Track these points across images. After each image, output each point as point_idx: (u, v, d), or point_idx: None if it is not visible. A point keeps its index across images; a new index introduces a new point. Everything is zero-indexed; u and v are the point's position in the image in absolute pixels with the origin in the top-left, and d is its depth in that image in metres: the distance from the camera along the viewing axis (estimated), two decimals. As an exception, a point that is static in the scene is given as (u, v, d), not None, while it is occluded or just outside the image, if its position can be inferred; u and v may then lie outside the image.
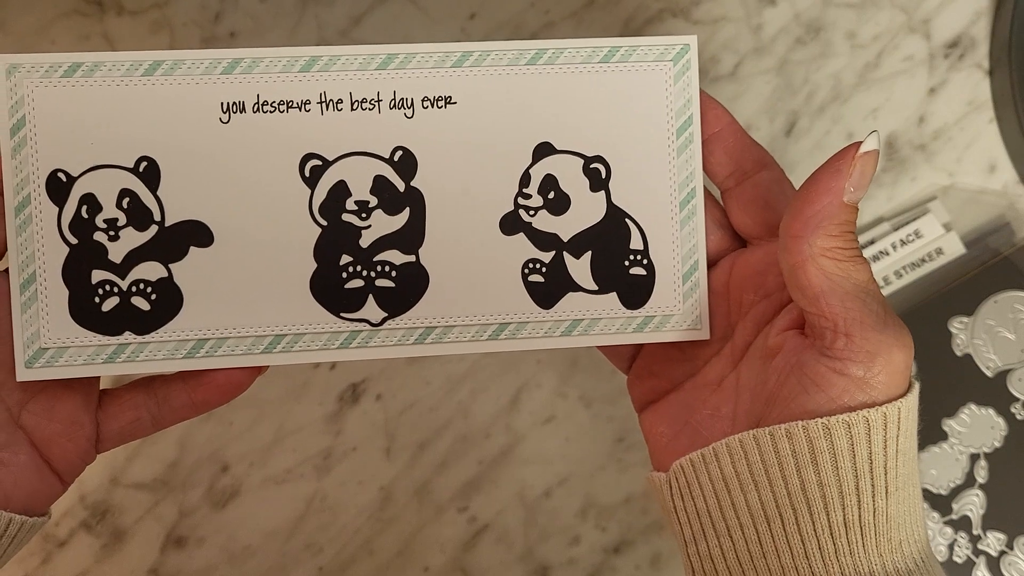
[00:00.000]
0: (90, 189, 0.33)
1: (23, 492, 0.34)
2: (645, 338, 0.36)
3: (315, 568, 0.52)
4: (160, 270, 0.34)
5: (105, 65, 0.33)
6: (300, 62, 0.34)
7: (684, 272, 0.36)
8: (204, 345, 0.34)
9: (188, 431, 0.51)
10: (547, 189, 0.35)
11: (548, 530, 0.53)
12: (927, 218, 0.53)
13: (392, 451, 0.52)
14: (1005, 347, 0.52)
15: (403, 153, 0.35)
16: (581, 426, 0.53)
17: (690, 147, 0.36)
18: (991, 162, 0.55)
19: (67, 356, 0.33)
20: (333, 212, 0.34)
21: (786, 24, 0.54)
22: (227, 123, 0.34)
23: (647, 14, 0.54)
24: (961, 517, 0.52)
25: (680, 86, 0.36)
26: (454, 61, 0.35)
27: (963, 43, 0.55)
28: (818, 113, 0.54)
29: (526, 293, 0.35)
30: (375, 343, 0.35)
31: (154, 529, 0.51)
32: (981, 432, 0.52)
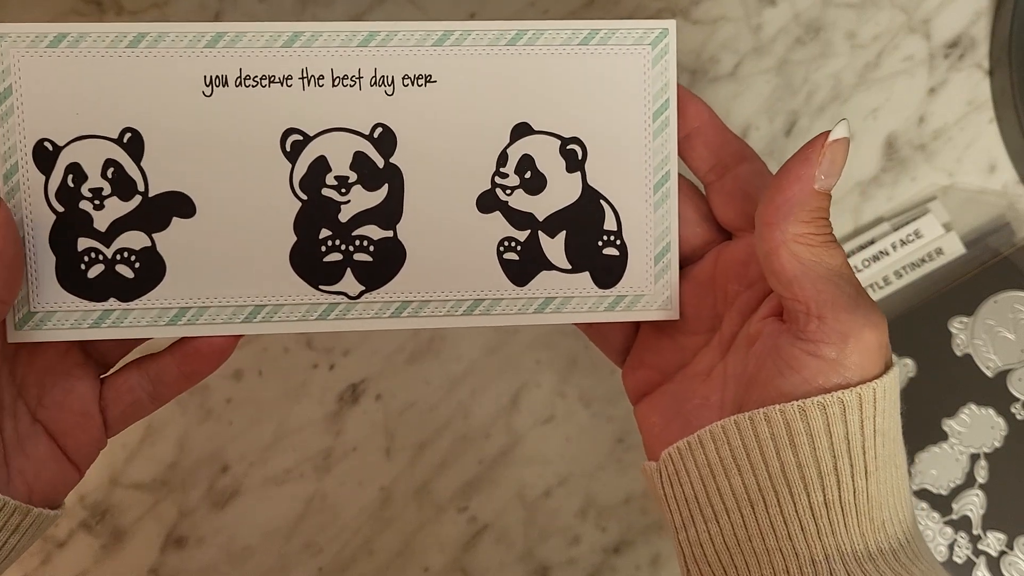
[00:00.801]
0: (76, 159, 0.34)
1: (44, 481, 0.35)
2: (617, 317, 0.37)
3: (315, 568, 0.52)
4: (143, 239, 0.35)
5: (91, 36, 0.34)
6: (283, 37, 0.35)
7: (656, 253, 0.37)
8: (186, 313, 0.35)
9: (188, 431, 0.51)
10: (524, 169, 0.36)
11: (548, 530, 0.53)
12: (927, 218, 0.53)
13: (392, 451, 0.52)
14: (1005, 347, 0.52)
15: (383, 130, 0.35)
16: (581, 426, 0.53)
17: (666, 131, 0.36)
18: (991, 162, 0.55)
19: (55, 320, 0.34)
20: (313, 186, 0.35)
21: (786, 24, 0.54)
22: (210, 96, 0.35)
23: (646, 14, 0.54)
24: (961, 517, 0.52)
25: (658, 70, 0.36)
26: (435, 40, 0.35)
27: (963, 43, 0.55)
28: (818, 113, 0.54)
29: (501, 270, 0.36)
30: (352, 315, 0.35)
31: (154, 529, 0.51)
32: (981, 432, 0.52)
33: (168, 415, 0.51)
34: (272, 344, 0.51)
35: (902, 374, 0.52)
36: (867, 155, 0.55)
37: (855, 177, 0.54)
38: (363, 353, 0.52)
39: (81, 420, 0.36)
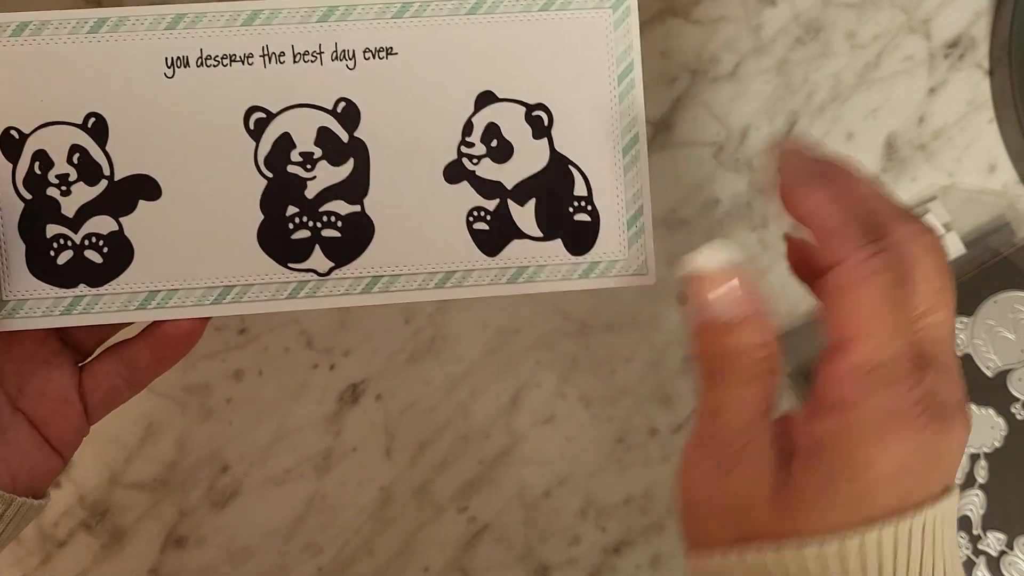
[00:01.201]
0: (42, 146, 0.34)
1: (27, 469, 0.35)
2: (591, 284, 0.36)
3: (315, 568, 0.52)
4: (111, 224, 0.35)
5: (52, 24, 0.34)
6: (242, 16, 0.35)
7: (629, 217, 0.36)
8: (155, 297, 0.35)
9: (188, 431, 0.51)
10: (490, 137, 0.35)
11: (548, 530, 0.53)
12: (927, 218, 0.53)
13: (392, 451, 0.52)
14: (1005, 347, 0.52)
15: (346, 104, 0.35)
16: (581, 426, 0.53)
17: (632, 92, 0.36)
18: (991, 162, 0.55)
19: (27, 308, 0.34)
20: (278, 164, 0.35)
21: (786, 24, 0.54)
22: (171, 78, 0.35)
23: (647, 14, 0.54)
24: (961, 517, 0.51)
25: (620, 32, 0.36)
26: (395, 12, 0.35)
27: (963, 43, 0.55)
28: (818, 113, 0.54)
29: (471, 241, 0.36)
30: (323, 293, 0.35)
31: (154, 529, 0.51)
32: (981, 432, 0.52)
33: (168, 415, 0.51)
34: (272, 344, 0.51)
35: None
36: (867, 155, 0.55)
37: (855, 177, 0.54)
38: (363, 353, 0.52)
39: (61, 407, 0.36)
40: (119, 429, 0.46)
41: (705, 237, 0.54)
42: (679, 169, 0.54)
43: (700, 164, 0.54)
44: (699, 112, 0.54)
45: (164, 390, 0.51)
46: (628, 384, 0.53)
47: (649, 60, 0.54)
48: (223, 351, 0.51)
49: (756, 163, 0.54)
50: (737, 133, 0.54)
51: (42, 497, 0.36)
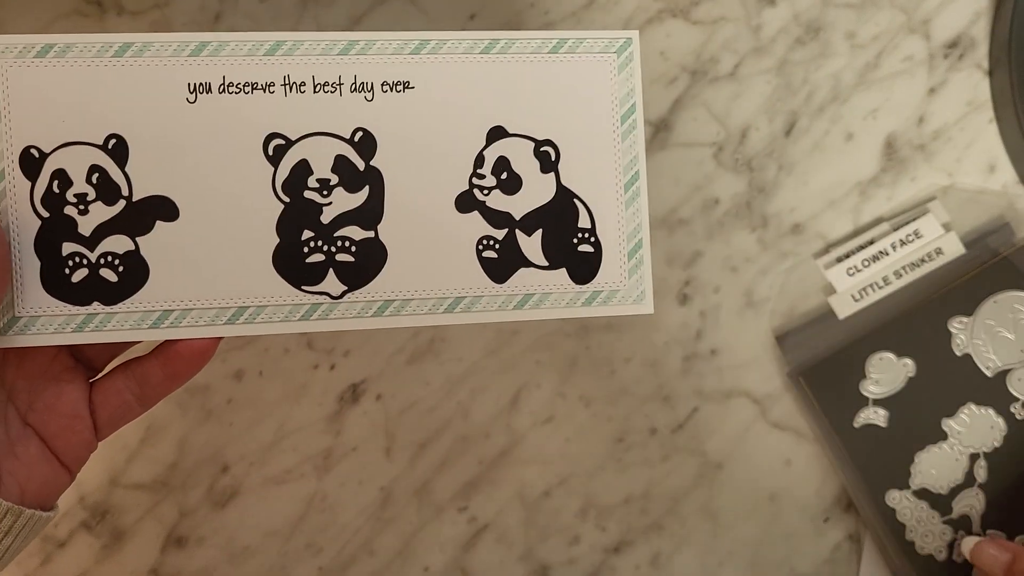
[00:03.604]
0: (61, 165, 0.35)
1: (36, 484, 0.35)
2: (593, 312, 0.38)
3: (315, 568, 0.52)
4: (127, 243, 0.35)
5: (77, 46, 0.35)
6: (265, 46, 0.36)
7: (629, 249, 0.38)
8: (169, 316, 0.35)
9: (188, 431, 0.51)
10: (500, 170, 0.37)
11: (548, 530, 0.53)
12: (927, 218, 0.53)
13: (392, 451, 0.52)
14: (1005, 347, 0.52)
15: (363, 134, 0.36)
16: (581, 426, 0.53)
17: (633, 132, 0.38)
18: (991, 162, 0.55)
19: (39, 325, 0.35)
20: (295, 189, 0.36)
21: (786, 24, 0.54)
22: (194, 103, 0.35)
23: (647, 14, 0.54)
24: (961, 516, 0.52)
25: (624, 76, 0.38)
26: (412, 48, 0.37)
27: (963, 43, 0.55)
28: (818, 113, 0.54)
29: (480, 268, 0.37)
30: (335, 315, 0.36)
31: (154, 529, 0.51)
32: (981, 432, 0.52)
33: (169, 416, 0.51)
34: (273, 345, 0.51)
35: (902, 374, 0.52)
36: (867, 155, 0.55)
37: (855, 177, 0.54)
38: (363, 353, 0.52)
39: (71, 423, 0.36)
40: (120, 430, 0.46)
41: (705, 237, 0.54)
42: (679, 169, 0.54)
43: (700, 164, 0.54)
44: (699, 112, 0.54)
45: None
46: (628, 384, 0.53)
47: (649, 60, 0.54)
48: (224, 351, 0.51)
49: (756, 163, 0.54)
50: (737, 133, 0.54)
51: (50, 510, 0.36)
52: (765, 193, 0.54)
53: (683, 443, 0.54)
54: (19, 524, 0.34)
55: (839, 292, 0.53)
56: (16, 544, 0.35)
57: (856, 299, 0.53)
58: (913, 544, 0.52)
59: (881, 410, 0.52)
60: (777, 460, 0.54)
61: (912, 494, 0.52)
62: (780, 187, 0.54)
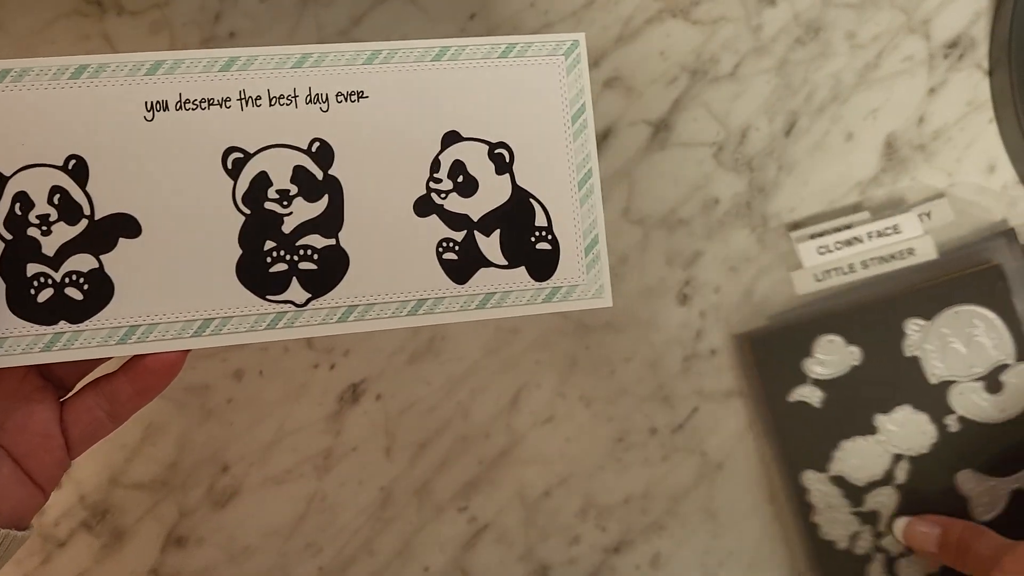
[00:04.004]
0: (23, 187, 0.35)
1: (9, 504, 0.35)
2: (554, 308, 0.38)
3: (315, 568, 0.52)
4: (91, 261, 0.35)
5: (33, 71, 0.35)
6: (220, 62, 0.36)
7: (586, 245, 0.39)
8: (136, 331, 0.35)
9: (188, 431, 0.51)
10: (456, 173, 0.38)
11: (548, 530, 0.53)
12: (909, 215, 0.53)
13: (392, 451, 0.52)
14: (954, 359, 0.52)
15: (320, 144, 0.37)
16: (581, 426, 0.53)
17: (584, 132, 0.39)
18: (991, 162, 0.55)
19: (6, 346, 0.35)
20: (256, 201, 0.36)
21: (786, 24, 0.54)
22: (151, 121, 0.36)
23: (647, 14, 0.54)
24: (870, 511, 0.52)
25: (572, 77, 0.39)
26: (365, 59, 0.37)
27: (963, 43, 0.55)
28: (818, 113, 0.54)
29: (441, 270, 0.37)
30: (300, 323, 0.36)
31: (154, 529, 0.51)
32: (911, 435, 0.52)
33: (168, 415, 0.51)
34: (273, 344, 0.52)
35: (847, 360, 0.52)
36: (867, 155, 0.55)
37: (855, 177, 0.54)
38: (363, 353, 0.52)
39: (43, 442, 0.36)
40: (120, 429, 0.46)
41: (705, 237, 0.54)
42: (679, 169, 0.54)
43: (700, 164, 0.54)
44: (699, 112, 0.54)
45: (165, 391, 0.51)
46: (628, 384, 0.53)
47: (649, 60, 0.54)
48: (223, 352, 0.51)
49: (756, 163, 0.54)
50: (737, 133, 0.54)
51: (24, 529, 0.36)
52: (765, 193, 0.54)
53: (683, 443, 0.54)
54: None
55: (804, 268, 0.53)
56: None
57: (818, 279, 0.53)
58: (817, 527, 0.52)
59: (818, 391, 0.52)
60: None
61: (828, 479, 0.52)
62: (780, 187, 0.54)
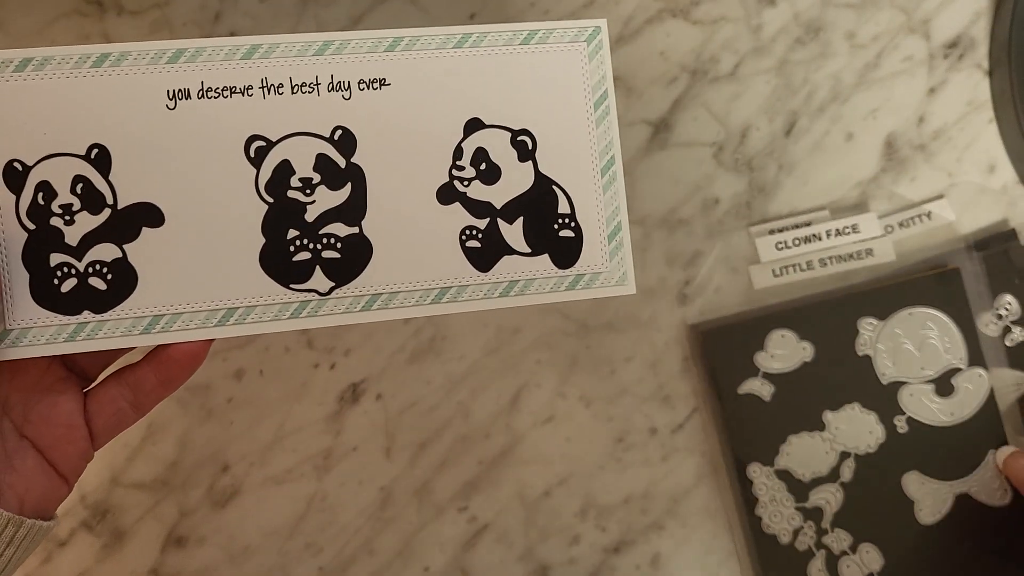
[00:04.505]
0: (45, 177, 0.35)
1: (35, 495, 0.35)
2: (577, 295, 0.38)
3: (315, 568, 0.52)
4: (115, 251, 0.35)
5: (55, 59, 0.35)
6: (241, 50, 0.36)
7: (609, 232, 0.38)
8: (160, 321, 0.35)
9: (188, 431, 0.51)
10: (479, 161, 0.37)
11: (548, 530, 0.53)
12: (868, 216, 0.53)
13: (392, 451, 0.52)
14: (906, 360, 0.52)
15: (343, 132, 0.37)
16: (581, 426, 0.53)
17: (607, 118, 0.39)
18: (991, 162, 0.55)
19: (30, 336, 0.35)
20: (278, 189, 0.36)
21: (786, 24, 0.54)
22: (173, 109, 0.36)
23: (647, 14, 0.54)
24: (814, 508, 0.52)
25: (595, 64, 0.39)
26: (387, 46, 0.37)
27: (963, 43, 0.55)
28: (818, 113, 0.54)
29: (464, 258, 0.37)
30: (324, 311, 0.36)
31: (154, 529, 0.51)
32: (858, 434, 0.52)
33: (169, 415, 0.51)
34: (273, 344, 0.52)
35: (799, 356, 0.52)
36: (867, 155, 0.55)
37: (855, 177, 0.54)
38: (364, 353, 0.52)
39: (67, 433, 0.36)
40: (120, 429, 0.46)
41: (705, 237, 0.54)
42: (679, 169, 0.54)
43: (700, 164, 0.54)
44: (699, 112, 0.54)
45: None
46: (628, 384, 0.53)
47: (649, 60, 0.54)
48: (224, 351, 0.51)
49: (756, 163, 0.54)
50: (737, 133, 0.54)
51: (50, 519, 0.37)
52: (765, 193, 0.54)
53: (683, 443, 0.54)
54: (20, 534, 0.34)
55: (762, 262, 0.53)
56: (18, 555, 0.35)
57: (776, 275, 0.53)
58: (760, 520, 0.52)
59: (769, 385, 0.52)
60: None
61: (774, 472, 0.52)
62: (780, 187, 0.54)
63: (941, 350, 0.52)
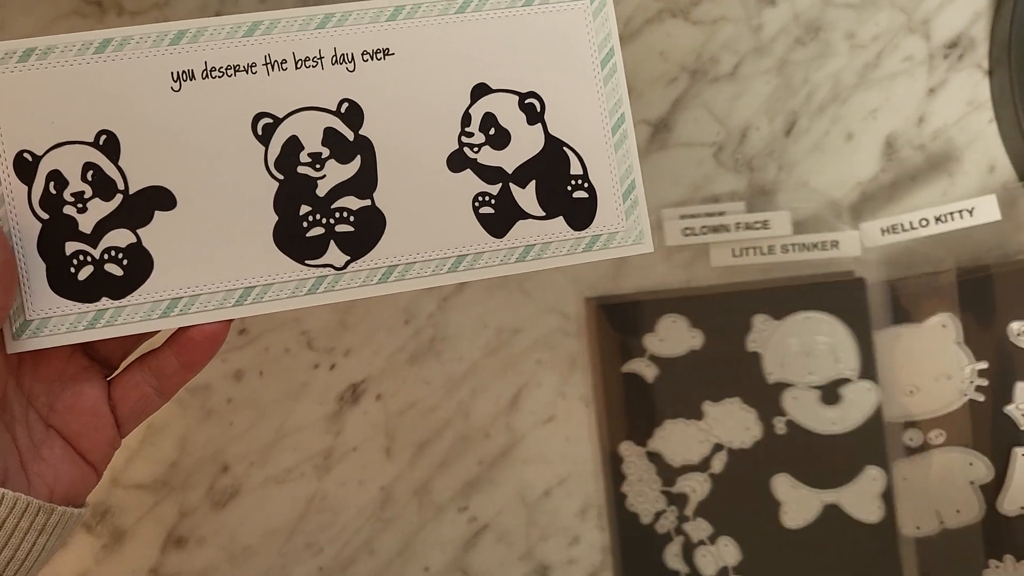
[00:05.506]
0: (55, 166, 0.35)
1: (64, 484, 0.36)
2: (595, 256, 0.38)
3: (315, 568, 0.52)
4: (129, 236, 0.35)
5: (57, 48, 0.35)
6: (243, 28, 0.36)
7: (623, 191, 0.38)
8: (178, 304, 0.35)
9: (188, 431, 0.51)
10: (487, 126, 0.37)
11: (548, 530, 0.53)
12: (781, 214, 0.53)
13: (392, 451, 0.52)
14: (794, 363, 0.52)
15: (349, 104, 0.37)
16: (581, 426, 0.53)
17: (615, 76, 0.38)
18: (991, 162, 0.55)
19: (51, 326, 0.35)
20: (288, 166, 0.36)
21: (786, 24, 0.54)
22: (179, 91, 0.36)
23: (647, 14, 0.54)
24: (680, 493, 0.52)
25: (599, 21, 0.38)
26: (388, 15, 0.37)
27: (963, 43, 0.55)
28: (818, 113, 0.54)
29: (479, 225, 0.37)
30: (341, 286, 0.36)
31: (154, 529, 0.51)
32: (735, 429, 0.52)
33: (169, 415, 0.51)
34: (273, 344, 0.52)
35: (688, 343, 0.52)
36: (867, 155, 0.55)
37: (855, 177, 0.54)
38: (364, 353, 0.52)
39: (93, 420, 0.36)
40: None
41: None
42: (679, 169, 0.54)
43: (700, 164, 0.54)
44: (699, 112, 0.54)
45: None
46: (628, 384, 0.53)
47: (649, 60, 0.54)
48: (224, 351, 0.51)
49: (756, 163, 0.54)
50: (737, 133, 0.54)
51: (81, 506, 0.37)
52: (765, 193, 0.54)
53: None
54: (52, 522, 0.34)
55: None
56: (51, 543, 0.35)
57: (735, 255, 0.53)
58: (625, 497, 0.52)
59: (654, 367, 0.52)
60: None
61: (645, 453, 0.52)
62: (780, 187, 0.54)
63: (832, 358, 0.51)
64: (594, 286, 0.53)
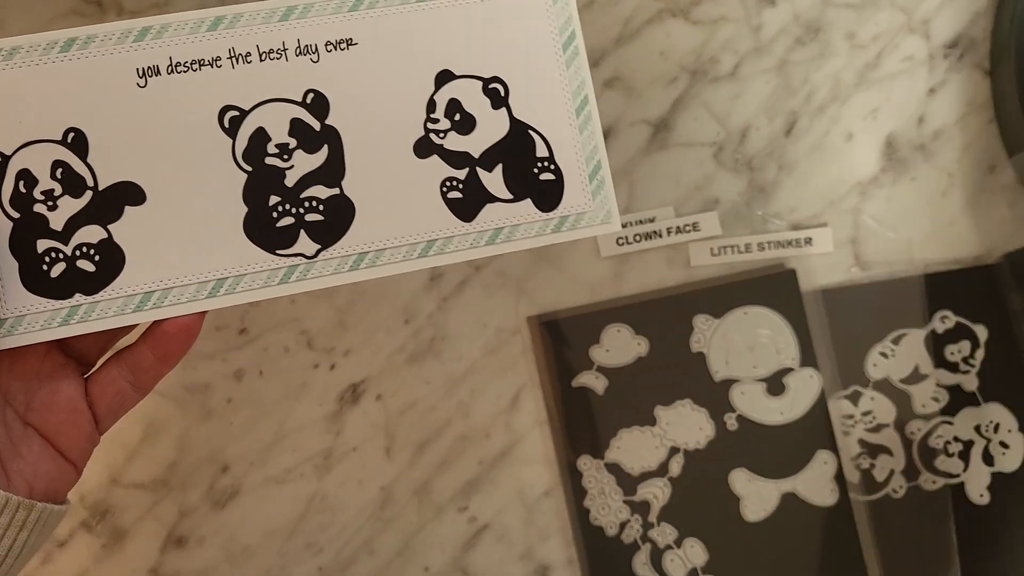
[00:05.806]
0: (24, 165, 0.35)
1: (43, 481, 0.36)
2: (564, 237, 0.38)
3: (315, 568, 0.52)
4: (100, 232, 0.35)
5: (23, 48, 0.35)
6: (206, 23, 0.36)
7: (590, 172, 0.39)
8: (151, 297, 0.36)
9: (188, 431, 0.51)
10: (452, 112, 0.38)
11: (548, 530, 0.53)
12: (710, 215, 0.53)
13: (392, 451, 0.52)
14: (739, 359, 0.52)
15: (315, 95, 0.37)
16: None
17: (577, 59, 0.39)
18: (991, 162, 0.55)
19: (25, 324, 0.35)
20: (256, 157, 0.36)
21: (786, 24, 0.54)
22: (145, 87, 0.36)
23: (647, 14, 0.54)
24: (642, 501, 0.52)
25: (559, 6, 0.39)
26: (350, 6, 0.37)
27: (963, 43, 0.55)
28: (818, 113, 0.54)
29: (447, 209, 0.38)
30: (313, 275, 0.37)
31: (154, 529, 0.51)
32: (689, 430, 0.52)
33: (169, 415, 0.51)
34: (273, 344, 0.51)
35: (634, 351, 0.52)
36: (867, 155, 0.55)
37: (855, 177, 0.54)
38: (363, 353, 0.52)
39: (71, 417, 0.36)
40: (119, 429, 0.46)
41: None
42: (679, 169, 0.54)
43: (700, 164, 0.54)
44: (699, 112, 0.54)
45: (164, 390, 0.51)
46: (628, 384, 0.53)
47: (649, 60, 0.54)
48: (223, 351, 0.51)
49: (756, 163, 0.54)
50: (737, 133, 0.54)
51: (62, 503, 0.37)
52: (765, 193, 0.54)
53: (683, 443, 0.53)
54: (32, 519, 0.35)
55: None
56: (32, 540, 0.35)
57: (714, 254, 0.53)
58: (588, 512, 0.52)
59: (603, 378, 0.52)
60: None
61: (604, 465, 0.52)
62: (780, 187, 0.54)
63: (774, 350, 0.52)
64: (540, 304, 0.53)
